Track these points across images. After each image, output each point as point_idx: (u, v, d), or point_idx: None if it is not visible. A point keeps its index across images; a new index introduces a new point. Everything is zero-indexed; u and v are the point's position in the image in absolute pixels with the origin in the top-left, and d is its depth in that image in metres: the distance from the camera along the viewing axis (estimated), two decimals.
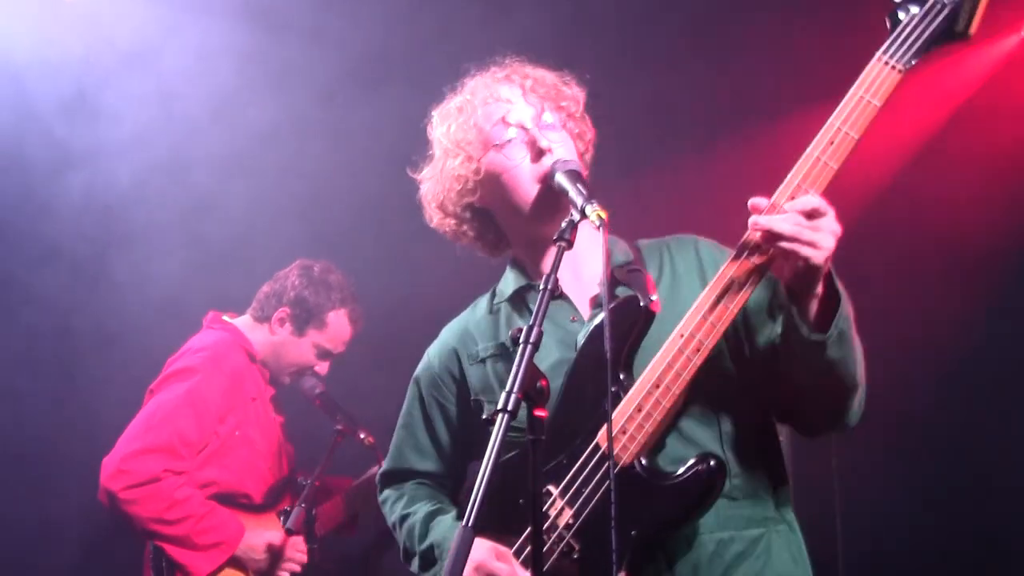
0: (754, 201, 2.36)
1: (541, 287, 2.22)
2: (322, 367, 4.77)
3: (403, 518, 2.85)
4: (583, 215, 2.36)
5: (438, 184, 2.80)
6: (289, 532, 4.36)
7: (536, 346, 2.13)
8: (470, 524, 2.00)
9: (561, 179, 2.52)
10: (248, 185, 5.20)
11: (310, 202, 5.22)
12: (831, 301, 2.38)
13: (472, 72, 2.82)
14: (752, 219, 2.35)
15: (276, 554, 4.40)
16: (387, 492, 2.97)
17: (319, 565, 4.54)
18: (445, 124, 2.77)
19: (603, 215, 2.33)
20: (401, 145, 2.95)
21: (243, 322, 4.73)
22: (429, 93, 2.89)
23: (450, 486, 2.94)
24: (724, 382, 2.56)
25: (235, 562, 4.36)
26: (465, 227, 2.83)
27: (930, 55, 2.33)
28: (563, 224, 2.34)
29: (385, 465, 3.00)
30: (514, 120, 2.68)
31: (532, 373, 2.12)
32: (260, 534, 4.41)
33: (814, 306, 2.38)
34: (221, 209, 5.13)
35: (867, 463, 4.94)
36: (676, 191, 5.25)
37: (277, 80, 5.20)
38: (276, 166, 5.28)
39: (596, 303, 2.66)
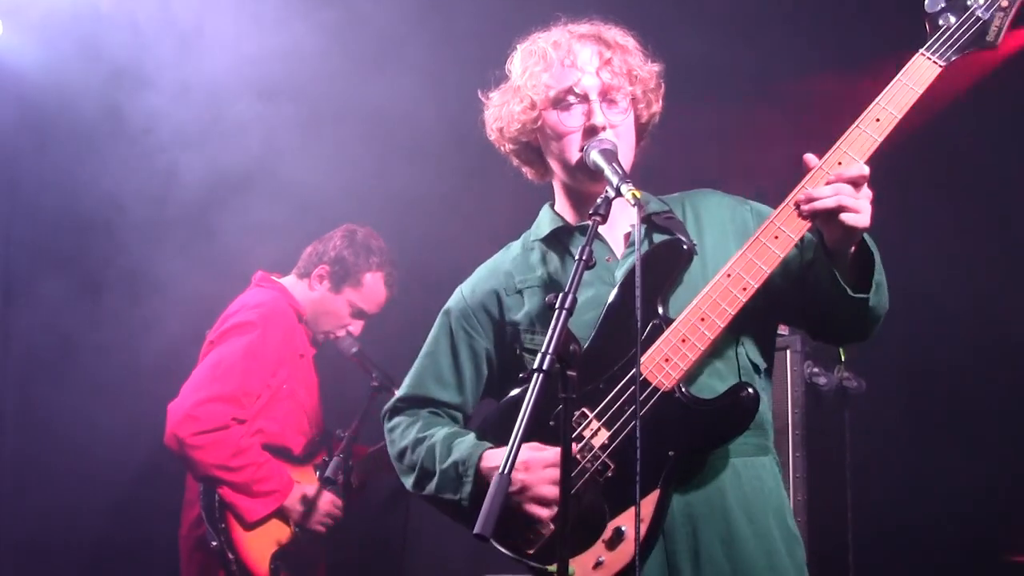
0: (807, 157, 2.64)
1: (577, 257, 2.41)
2: (356, 326, 4.95)
3: (419, 440, 2.91)
4: (618, 193, 2.56)
5: (501, 114, 2.97)
6: (328, 481, 4.56)
7: (571, 312, 2.31)
8: (507, 472, 2.15)
9: (596, 158, 2.71)
10: (294, 155, 5.38)
11: (356, 174, 5.36)
12: (864, 255, 2.65)
13: (563, 20, 2.95)
14: (804, 191, 2.61)
15: (312, 507, 4.60)
16: (398, 419, 3.02)
17: (347, 522, 4.75)
18: (522, 65, 2.92)
19: (638, 195, 2.53)
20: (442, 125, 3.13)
21: (288, 281, 4.92)
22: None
23: (460, 419, 3.02)
24: (749, 322, 2.77)
25: (281, 511, 4.57)
26: (517, 154, 3.02)
27: (965, 56, 2.70)
28: (599, 200, 2.54)
29: (401, 391, 3.05)
30: (581, 90, 2.82)
31: (566, 337, 2.30)
32: (301, 486, 4.61)
33: (849, 260, 2.64)
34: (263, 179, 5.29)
35: (881, 439, 5.08)
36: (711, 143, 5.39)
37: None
38: (322, 135, 5.44)
39: (630, 243, 2.88)
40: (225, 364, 4.53)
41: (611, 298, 2.78)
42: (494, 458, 2.74)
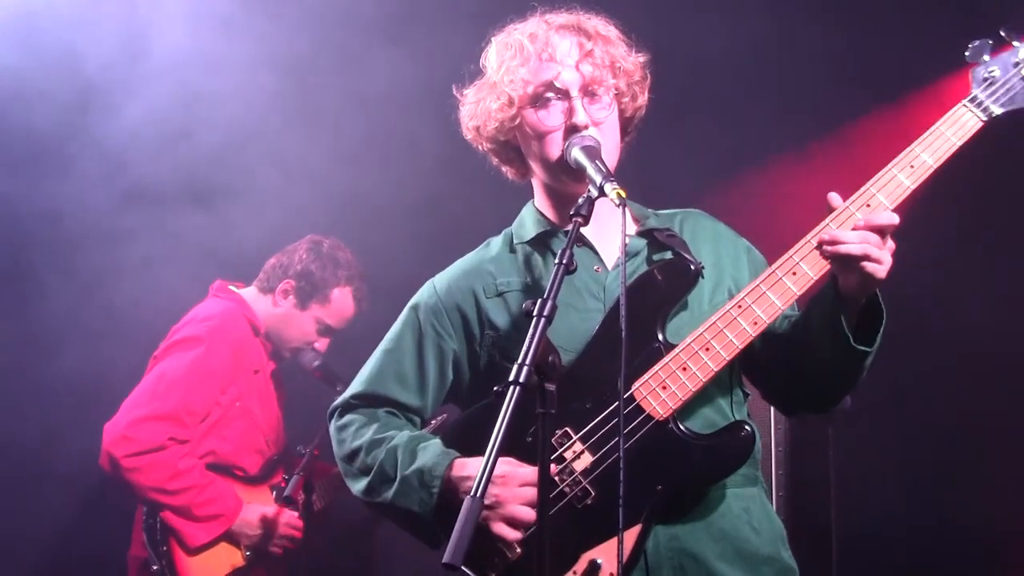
0: (831, 196, 2.52)
1: (556, 261, 2.25)
2: (322, 343, 4.77)
3: (376, 441, 2.71)
4: (601, 192, 2.41)
5: (477, 112, 2.80)
6: (287, 500, 4.36)
7: (550, 320, 2.15)
8: (478, 495, 1.98)
9: (578, 155, 2.55)
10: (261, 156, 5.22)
11: (324, 179, 5.23)
12: (872, 310, 2.54)
13: (539, 9, 2.80)
14: (829, 231, 2.48)
15: (269, 528, 4.41)
16: (351, 416, 2.81)
17: (311, 541, 4.52)
18: (498, 59, 2.76)
19: (622, 194, 2.39)
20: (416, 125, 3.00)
21: (248, 293, 4.74)
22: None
23: (418, 424, 2.84)
24: (750, 357, 2.66)
25: (229, 535, 4.38)
26: (496, 153, 2.87)
27: (1011, 112, 2.58)
28: (580, 200, 2.39)
29: (356, 388, 2.84)
30: (561, 85, 2.67)
31: (545, 347, 2.13)
32: (255, 508, 4.42)
33: (856, 313, 2.53)
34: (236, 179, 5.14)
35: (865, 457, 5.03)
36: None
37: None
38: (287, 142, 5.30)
39: (627, 254, 2.70)
40: (166, 380, 4.35)
41: (606, 312, 2.63)
42: (464, 469, 2.57)
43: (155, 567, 4.26)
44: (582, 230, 2.60)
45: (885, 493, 5.08)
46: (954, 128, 2.53)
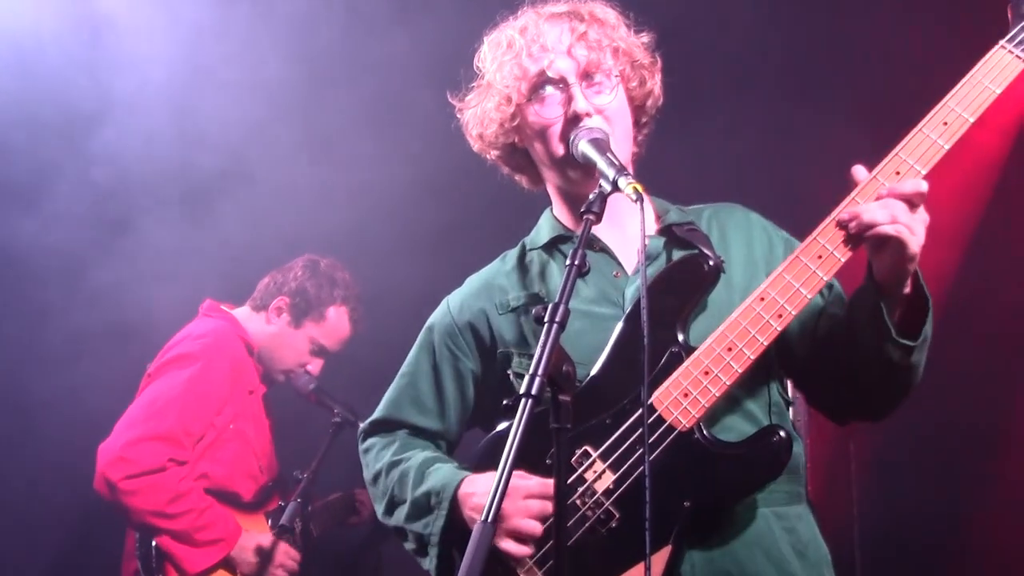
0: (855, 169, 2.32)
1: (568, 262, 2.10)
2: (315, 365, 4.66)
3: (393, 464, 2.65)
4: (615, 188, 2.24)
5: (479, 117, 2.66)
6: (284, 529, 4.24)
7: (563, 326, 2.00)
8: (489, 520, 1.84)
9: (586, 148, 2.40)
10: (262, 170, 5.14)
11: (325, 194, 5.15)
12: (918, 302, 2.33)
13: (529, 2, 2.65)
14: (849, 208, 2.30)
15: (266, 557, 4.27)
16: (373, 440, 2.76)
17: (307, 571, 4.43)
18: (491, 56, 2.62)
19: (639, 188, 2.22)
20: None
21: (241, 312, 4.63)
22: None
23: (443, 447, 2.75)
24: (778, 353, 2.48)
25: (227, 562, 4.23)
26: (504, 160, 2.73)
27: None
28: (591, 196, 2.22)
29: (376, 414, 2.79)
30: (555, 74, 2.51)
31: (558, 356, 1.99)
32: (253, 535, 4.29)
33: (900, 305, 2.33)
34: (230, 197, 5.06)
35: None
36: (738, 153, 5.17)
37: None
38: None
39: (645, 256, 2.48)
40: (163, 400, 4.21)
41: (622, 321, 2.47)
42: (473, 485, 2.46)
43: None
44: (598, 233, 2.51)
45: (908, 509, 4.98)
46: (992, 73, 2.31)
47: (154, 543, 4.14)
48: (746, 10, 4.99)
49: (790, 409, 2.59)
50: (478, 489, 2.42)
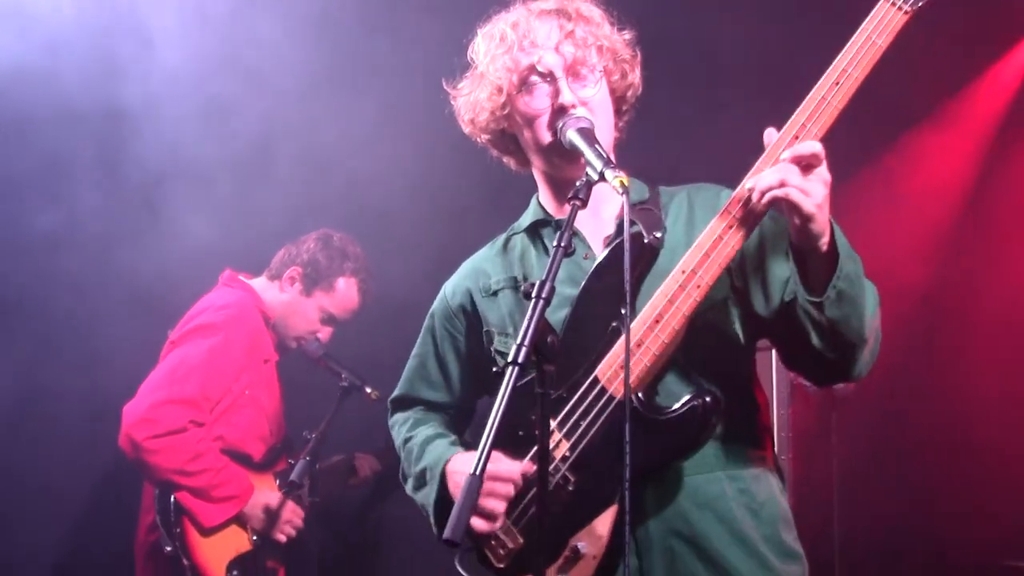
0: (768, 131, 2.41)
1: (555, 244, 2.24)
2: (325, 333, 4.85)
3: (405, 440, 2.92)
4: (601, 178, 2.36)
5: (471, 103, 2.82)
6: (292, 485, 4.44)
7: (548, 302, 2.15)
8: (477, 472, 2.02)
9: (574, 137, 2.52)
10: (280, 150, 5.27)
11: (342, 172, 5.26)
12: (833, 257, 2.39)
13: None
14: (747, 179, 2.40)
15: (273, 515, 4.49)
16: (396, 416, 3.04)
17: (313, 527, 4.66)
18: (484, 48, 2.77)
19: (625, 181, 2.32)
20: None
21: (258, 283, 4.83)
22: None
23: (456, 417, 2.99)
24: (726, 322, 2.60)
25: (239, 518, 4.46)
26: (494, 144, 2.89)
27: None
28: (578, 184, 2.35)
29: (396, 391, 3.06)
30: (543, 68, 2.65)
31: (543, 328, 2.14)
32: (263, 493, 4.51)
33: (820, 265, 2.39)
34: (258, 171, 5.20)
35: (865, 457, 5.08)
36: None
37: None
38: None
39: (609, 241, 2.68)
40: (186, 366, 4.41)
41: (575, 300, 2.61)
42: (459, 462, 2.67)
43: (168, 548, 4.32)
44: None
45: (887, 475, 5.14)
46: (879, 28, 2.38)
47: (172, 499, 4.32)
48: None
49: (752, 381, 2.67)
50: (461, 468, 2.62)
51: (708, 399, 2.45)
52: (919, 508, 5.09)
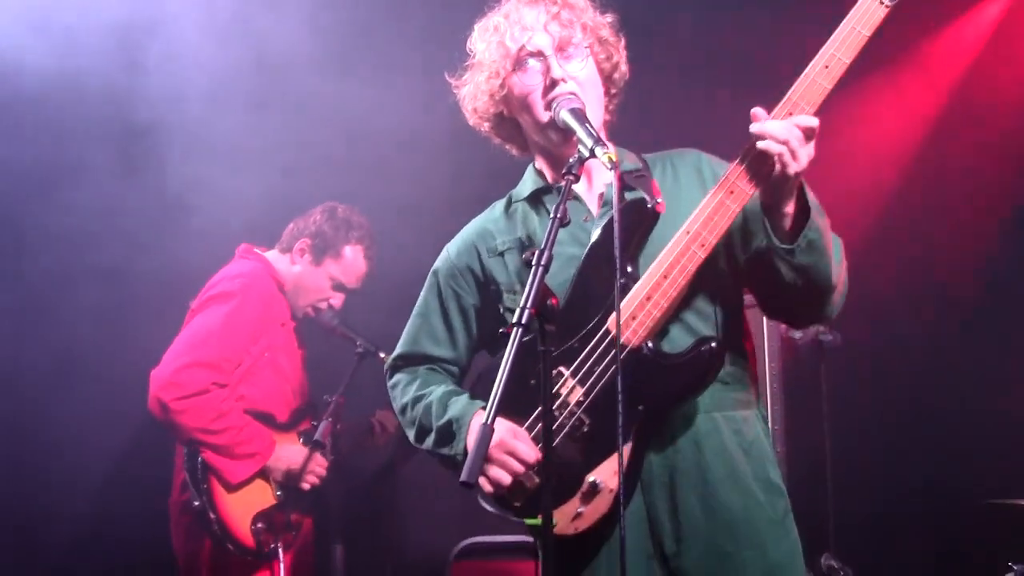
0: (755, 110, 2.65)
1: (552, 215, 2.45)
2: (337, 299, 5.06)
3: (418, 398, 3.05)
4: (592, 155, 2.59)
5: (472, 91, 3.05)
6: (316, 444, 4.65)
7: (547, 268, 2.37)
8: (489, 422, 2.24)
9: (566, 117, 2.74)
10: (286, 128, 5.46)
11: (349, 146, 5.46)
12: (804, 214, 2.67)
13: None
14: (754, 124, 2.63)
15: (297, 469, 4.71)
16: (398, 376, 3.16)
17: (334, 485, 4.89)
18: (480, 39, 3.01)
19: (614, 158, 2.55)
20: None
21: (271, 255, 5.04)
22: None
23: (457, 373, 3.14)
24: (721, 279, 2.85)
25: (263, 473, 4.68)
26: (495, 130, 3.10)
27: None
28: (571, 160, 2.57)
29: (398, 350, 3.19)
30: (533, 47, 2.88)
31: (544, 292, 2.37)
32: (286, 448, 4.73)
33: (789, 219, 2.67)
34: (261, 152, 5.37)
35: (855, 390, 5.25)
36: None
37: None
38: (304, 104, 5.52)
39: (603, 202, 2.94)
40: (205, 331, 4.62)
41: (583, 259, 2.84)
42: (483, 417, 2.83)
43: (196, 503, 4.52)
44: (572, 185, 2.84)
45: (877, 422, 5.31)
46: (863, 19, 2.64)
47: (200, 457, 4.54)
48: None
49: (732, 318, 2.89)
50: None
51: (713, 344, 2.72)
52: (906, 452, 5.25)
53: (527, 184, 3.08)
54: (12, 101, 5.22)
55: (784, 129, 2.58)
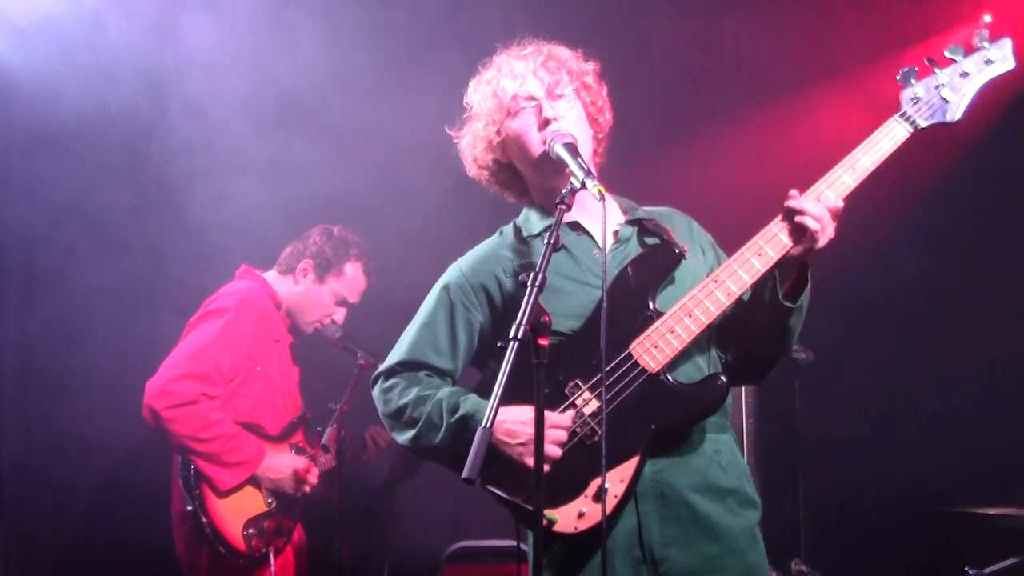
0: (792, 191, 3.01)
1: (546, 241, 2.72)
2: (340, 314, 5.28)
3: (423, 398, 3.13)
4: (583, 186, 2.84)
5: (470, 141, 3.29)
6: (323, 447, 4.85)
7: (541, 288, 2.61)
8: (488, 426, 2.47)
9: (560, 151, 2.99)
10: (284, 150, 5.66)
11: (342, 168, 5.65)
12: (801, 281, 3.06)
13: (499, 50, 3.29)
14: (791, 200, 2.99)
15: (286, 477, 4.91)
16: (395, 380, 3.22)
17: (334, 494, 5.07)
18: (475, 93, 3.26)
19: (602, 189, 2.83)
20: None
21: (269, 275, 5.24)
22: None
23: (451, 383, 3.25)
24: (724, 324, 3.16)
25: (253, 480, 4.86)
26: (494, 177, 3.32)
27: (931, 127, 3.08)
28: (564, 191, 2.82)
29: (397, 357, 3.25)
30: (524, 92, 3.14)
31: (537, 310, 2.59)
32: (275, 456, 4.91)
33: (789, 282, 3.04)
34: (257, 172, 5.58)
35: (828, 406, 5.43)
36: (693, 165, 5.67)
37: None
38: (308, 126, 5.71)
39: (618, 239, 3.20)
40: (199, 344, 4.79)
41: (609, 288, 3.01)
42: (501, 415, 2.90)
43: (189, 508, 4.69)
44: (582, 221, 3.17)
45: (847, 438, 5.50)
46: (888, 138, 3.03)
47: (192, 466, 4.69)
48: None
49: (722, 362, 3.22)
50: (507, 417, 2.95)
51: (723, 378, 3.03)
52: (873, 463, 5.45)
53: (534, 222, 3.27)
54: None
55: (820, 209, 2.96)
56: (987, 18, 3.10)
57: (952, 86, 3.06)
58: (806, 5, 5.62)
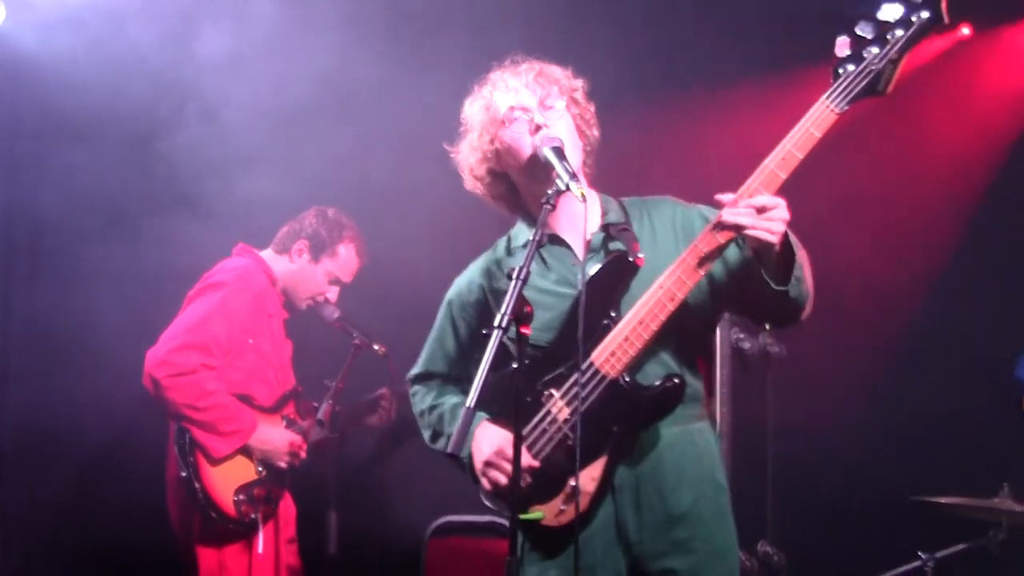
0: (719, 197, 3.03)
1: (531, 238, 2.89)
2: (333, 293, 5.45)
3: (433, 407, 3.53)
4: (567, 188, 2.99)
5: (466, 154, 3.43)
6: (320, 422, 5.08)
7: (525, 282, 2.79)
8: (471, 406, 2.68)
9: (548, 154, 3.12)
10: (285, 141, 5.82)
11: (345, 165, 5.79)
12: (788, 255, 3.07)
13: (494, 67, 3.42)
14: (723, 212, 3.01)
15: (277, 448, 5.11)
16: (417, 387, 3.63)
17: (330, 460, 5.33)
18: (471, 107, 3.41)
19: (584, 193, 2.98)
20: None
21: (266, 254, 5.43)
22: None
23: (463, 383, 3.54)
24: (686, 320, 3.26)
25: (245, 450, 5.05)
26: (489, 188, 3.45)
27: (858, 103, 3.00)
28: (549, 192, 2.99)
29: (418, 368, 3.64)
30: (518, 103, 3.28)
31: (520, 302, 2.77)
32: (267, 427, 5.11)
33: (775, 261, 3.05)
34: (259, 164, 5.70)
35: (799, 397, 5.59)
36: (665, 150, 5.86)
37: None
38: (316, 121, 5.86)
39: (589, 249, 3.29)
40: (198, 316, 4.96)
41: (573, 300, 3.22)
42: (483, 430, 3.33)
43: (183, 473, 4.88)
44: (561, 232, 3.35)
45: (816, 427, 5.66)
46: (816, 122, 2.98)
47: (188, 433, 4.86)
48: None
49: (695, 361, 3.31)
50: (486, 434, 3.28)
51: (676, 380, 3.19)
52: (839, 451, 5.60)
53: (523, 233, 3.45)
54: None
55: (746, 219, 2.96)
56: None
57: (882, 55, 2.98)
58: None
